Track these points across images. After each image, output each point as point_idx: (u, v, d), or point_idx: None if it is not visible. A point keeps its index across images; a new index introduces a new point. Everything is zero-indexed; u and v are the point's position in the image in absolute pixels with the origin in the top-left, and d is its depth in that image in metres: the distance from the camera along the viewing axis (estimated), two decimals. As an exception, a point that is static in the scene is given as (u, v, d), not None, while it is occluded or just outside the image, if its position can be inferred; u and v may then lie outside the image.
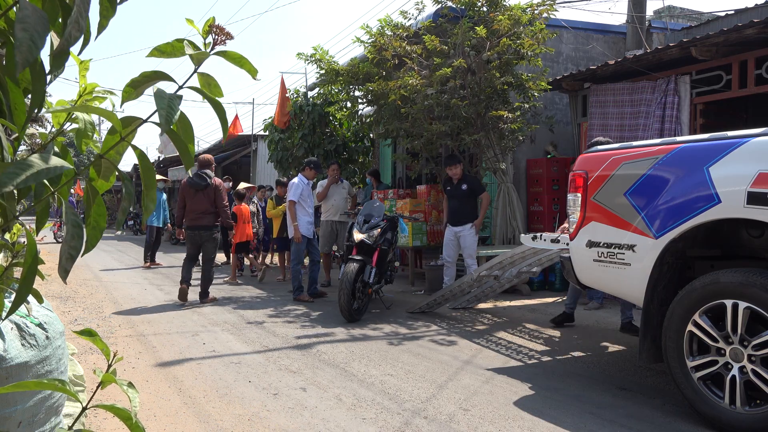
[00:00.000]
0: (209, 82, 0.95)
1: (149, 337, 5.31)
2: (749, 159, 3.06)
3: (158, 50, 0.93)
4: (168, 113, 0.85)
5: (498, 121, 7.53)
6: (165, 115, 0.84)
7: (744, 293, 3.01)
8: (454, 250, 7.18)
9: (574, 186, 4.07)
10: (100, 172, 0.95)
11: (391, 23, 8.30)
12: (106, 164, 0.95)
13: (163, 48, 0.93)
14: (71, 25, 0.78)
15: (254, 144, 18.17)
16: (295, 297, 7.39)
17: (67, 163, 0.82)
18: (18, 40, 0.71)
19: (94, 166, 0.95)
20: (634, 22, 8.98)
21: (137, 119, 0.92)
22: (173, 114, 0.85)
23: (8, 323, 2.17)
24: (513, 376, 4.17)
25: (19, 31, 0.71)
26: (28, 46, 0.71)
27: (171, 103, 0.86)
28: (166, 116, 0.84)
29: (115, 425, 3.17)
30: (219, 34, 0.90)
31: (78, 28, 0.78)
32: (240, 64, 0.96)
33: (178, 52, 0.92)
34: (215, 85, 0.96)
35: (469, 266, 6.96)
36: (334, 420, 3.29)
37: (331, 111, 10.83)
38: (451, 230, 7.17)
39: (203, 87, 0.96)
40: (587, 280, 4.08)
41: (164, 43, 0.93)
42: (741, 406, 3.01)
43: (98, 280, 9.28)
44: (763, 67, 6.16)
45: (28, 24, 0.72)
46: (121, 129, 0.92)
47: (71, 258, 0.86)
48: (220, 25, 0.90)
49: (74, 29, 0.78)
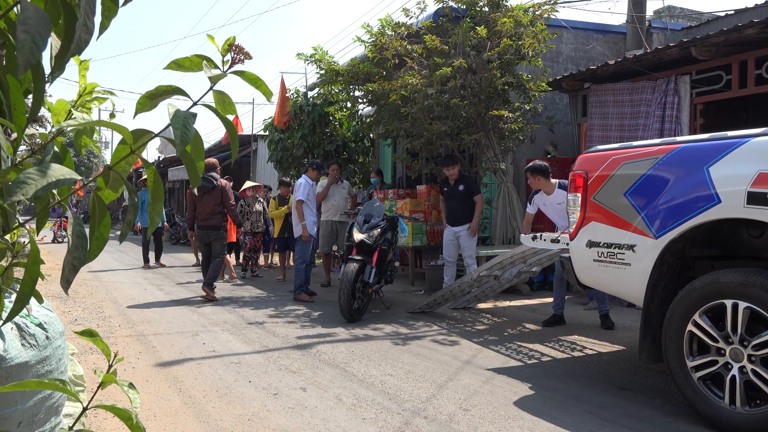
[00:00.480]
0: (224, 100, 0.96)
1: (149, 337, 5.31)
2: (749, 159, 3.06)
3: (176, 64, 0.94)
4: (183, 133, 0.85)
5: (498, 121, 7.53)
6: (180, 136, 0.85)
7: (744, 293, 3.01)
8: (454, 249, 7.18)
9: (574, 186, 4.07)
10: (108, 183, 0.96)
11: (392, 23, 8.31)
12: (115, 176, 0.95)
13: (181, 62, 0.94)
14: (80, 29, 0.78)
15: (254, 144, 18.17)
16: (295, 296, 7.43)
17: (75, 174, 0.81)
18: (20, 42, 0.71)
19: (103, 177, 0.95)
20: (634, 22, 8.98)
21: (148, 132, 0.93)
22: (189, 134, 0.86)
23: (8, 323, 2.17)
24: (513, 376, 4.17)
25: (21, 32, 0.71)
26: (29, 48, 0.71)
27: (186, 123, 0.86)
28: (182, 137, 0.85)
29: (115, 425, 3.17)
30: (238, 53, 0.91)
31: (87, 30, 0.79)
32: (256, 85, 0.97)
33: (196, 67, 0.93)
34: (229, 102, 0.96)
35: (469, 266, 6.96)
36: (334, 420, 3.29)
37: (331, 111, 10.83)
38: (451, 230, 7.17)
39: (218, 105, 0.97)
40: (587, 280, 4.08)
41: (183, 58, 0.94)
42: (741, 406, 3.01)
43: (98, 280, 9.28)
44: (763, 67, 6.17)
45: (29, 26, 0.72)
46: (132, 142, 0.93)
47: (74, 269, 0.86)
48: (239, 45, 0.92)
49: (83, 32, 0.78)
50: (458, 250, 7.19)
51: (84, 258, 0.87)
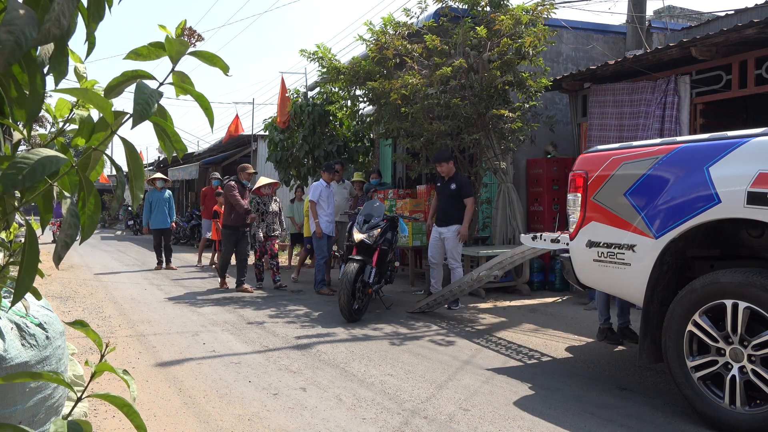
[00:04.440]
0: (183, 79, 1.02)
1: (149, 337, 5.31)
2: (749, 159, 3.06)
3: (135, 53, 0.99)
4: (144, 108, 0.89)
5: (498, 121, 7.53)
6: (139, 111, 0.89)
7: (744, 293, 3.01)
8: (440, 251, 6.86)
9: (574, 186, 4.06)
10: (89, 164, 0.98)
11: (393, 22, 8.31)
12: (96, 155, 1.00)
13: (139, 51, 0.99)
14: (49, 22, 0.78)
15: (254, 144, 18.18)
16: (317, 290, 7.97)
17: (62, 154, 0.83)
18: (2, 42, 0.72)
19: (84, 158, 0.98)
20: (634, 22, 8.98)
21: (125, 113, 0.98)
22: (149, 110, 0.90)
23: (8, 323, 2.17)
24: (513, 376, 4.17)
25: (3, 32, 0.72)
26: (11, 48, 0.72)
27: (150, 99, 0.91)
28: (141, 112, 0.89)
29: (115, 426, 3.17)
30: (190, 37, 0.97)
31: (57, 26, 0.79)
32: (212, 62, 1.02)
33: (154, 54, 0.99)
34: (189, 81, 1.02)
35: (454, 269, 6.70)
36: (334, 420, 3.29)
37: (332, 110, 10.83)
38: (436, 230, 6.87)
39: (178, 84, 1.03)
40: (587, 280, 4.08)
41: (141, 47, 1.00)
42: (741, 406, 3.01)
43: (98, 280, 9.28)
44: (763, 67, 6.16)
45: (15, 26, 0.73)
46: (112, 120, 0.97)
47: (66, 245, 0.90)
48: (191, 28, 0.98)
49: (53, 26, 0.79)
50: (444, 252, 6.86)
51: (76, 235, 0.91)
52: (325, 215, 8.06)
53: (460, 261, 6.83)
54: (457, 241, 6.70)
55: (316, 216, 7.95)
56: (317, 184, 8.17)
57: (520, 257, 5.67)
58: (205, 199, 11.78)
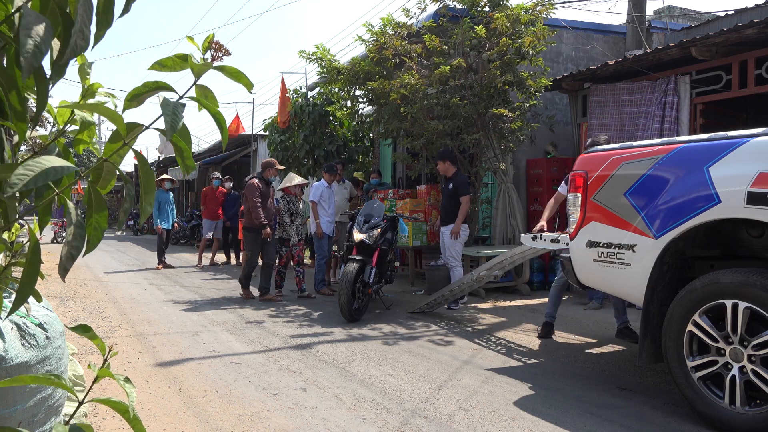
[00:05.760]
0: (206, 94, 1.00)
1: (149, 337, 5.31)
2: (749, 159, 3.06)
3: (159, 64, 0.98)
4: (173, 119, 0.89)
5: (498, 121, 7.53)
6: (170, 122, 0.89)
7: (744, 293, 3.01)
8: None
9: (574, 186, 4.06)
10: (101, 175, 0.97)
11: (393, 22, 8.31)
12: (108, 167, 0.98)
13: (164, 62, 0.98)
14: (75, 35, 0.80)
15: (254, 144, 18.17)
16: (318, 290, 7.95)
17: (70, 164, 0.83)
18: (23, 47, 0.72)
19: (96, 169, 0.97)
20: (634, 22, 8.98)
21: (139, 126, 0.96)
22: (178, 120, 0.90)
23: (8, 323, 2.17)
24: (513, 376, 4.17)
25: (24, 37, 0.73)
26: (33, 52, 0.73)
27: (176, 110, 0.91)
28: (171, 122, 0.89)
29: (115, 426, 3.17)
30: (217, 50, 0.96)
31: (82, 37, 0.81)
32: (237, 78, 1.01)
33: (178, 66, 0.98)
34: (212, 97, 1.01)
35: (453, 267, 6.81)
36: (334, 420, 3.29)
37: (332, 110, 10.83)
38: (441, 229, 7.10)
39: (200, 98, 1.01)
40: (587, 280, 4.08)
41: (166, 58, 0.98)
42: (741, 406, 3.01)
43: (98, 280, 9.28)
44: (763, 67, 6.17)
45: (32, 30, 0.73)
46: (125, 132, 0.96)
47: (71, 257, 0.88)
48: (218, 42, 0.96)
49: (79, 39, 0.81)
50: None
51: (81, 247, 0.90)
52: (326, 216, 8.10)
53: (460, 260, 6.92)
54: (453, 239, 6.79)
55: (317, 216, 7.94)
56: (318, 185, 8.20)
57: (520, 257, 5.68)
58: (206, 199, 11.85)
